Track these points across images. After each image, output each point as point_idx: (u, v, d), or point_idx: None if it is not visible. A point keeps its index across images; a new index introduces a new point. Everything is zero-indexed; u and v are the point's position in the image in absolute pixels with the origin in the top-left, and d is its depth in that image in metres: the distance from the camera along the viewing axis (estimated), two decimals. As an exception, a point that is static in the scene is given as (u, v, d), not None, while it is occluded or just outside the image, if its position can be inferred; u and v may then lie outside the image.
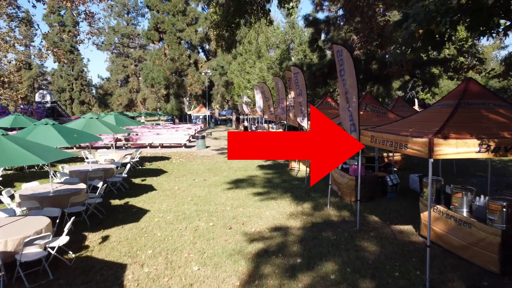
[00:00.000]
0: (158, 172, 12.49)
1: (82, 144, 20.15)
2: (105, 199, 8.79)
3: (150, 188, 10.04)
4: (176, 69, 40.87)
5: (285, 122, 16.48)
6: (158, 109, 56.25)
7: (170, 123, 47.95)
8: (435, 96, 44.40)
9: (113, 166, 10.05)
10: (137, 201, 8.70)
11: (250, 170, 12.79)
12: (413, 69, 14.25)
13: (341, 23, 16.64)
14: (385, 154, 13.13)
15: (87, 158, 12.84)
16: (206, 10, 43.39)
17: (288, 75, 11.43)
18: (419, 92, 49.22)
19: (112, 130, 9.23)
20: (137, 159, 13.42)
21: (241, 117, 40.78)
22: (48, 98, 49.41)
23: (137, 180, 11.20)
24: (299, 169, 12.34)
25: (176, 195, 9.26)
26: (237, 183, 10.63)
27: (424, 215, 6.22)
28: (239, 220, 7.20)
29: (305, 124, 10.27)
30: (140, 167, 13.54)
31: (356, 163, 8.68)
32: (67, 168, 9.80)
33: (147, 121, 71.56)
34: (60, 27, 53.94)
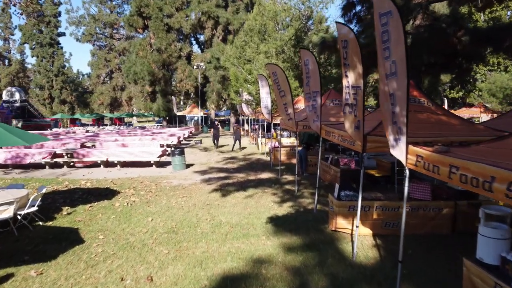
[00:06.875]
0: (62, 244, 6.01)
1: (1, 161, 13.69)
2: None
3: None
4: (164, 62, 34.37)
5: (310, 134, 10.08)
6: (149, 109, 49.67)
7: (160, 126, 41.55)
8: (470, 94, 37.47)
9: None
10: None
11: (253, 236, 6.30)
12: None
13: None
14: None
15: None
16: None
17: (343, 36, 5.00)
18: (447, 90, 42.35)
19: None
20: (36, 208, 6.95)
21: (240, 118, 34.38)
22: (17, 96, 42.91)
23: (-13, 281, 4.77)
24: (356, 233, 5.75)
25: None
26: (222, 301, 4.21)
27: None
28: None
29: (400, 152, 3.87)
30: (40, 223, 7.07)
31: None
32: None
33: (139, 121, 65.21)
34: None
